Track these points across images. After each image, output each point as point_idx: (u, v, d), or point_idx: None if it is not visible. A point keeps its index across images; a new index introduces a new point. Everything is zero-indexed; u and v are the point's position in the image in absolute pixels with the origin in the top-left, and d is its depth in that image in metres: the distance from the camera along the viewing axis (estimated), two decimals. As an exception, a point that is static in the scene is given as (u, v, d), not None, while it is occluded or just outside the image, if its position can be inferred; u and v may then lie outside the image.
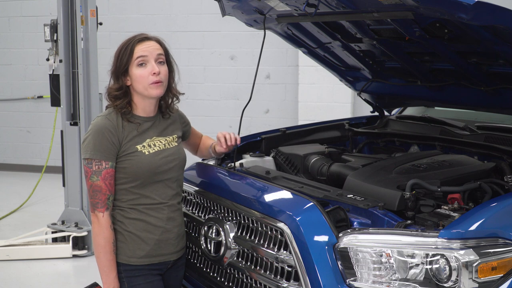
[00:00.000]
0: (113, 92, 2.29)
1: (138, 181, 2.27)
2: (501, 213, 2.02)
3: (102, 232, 2.23)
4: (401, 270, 1.93)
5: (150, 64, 2.26)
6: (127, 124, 2.28)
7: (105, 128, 2.22)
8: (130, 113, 2.31)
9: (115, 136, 2.23)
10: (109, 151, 2.21)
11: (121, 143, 2.24)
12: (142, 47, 2.27)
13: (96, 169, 2.20)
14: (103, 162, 2.20)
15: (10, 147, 8.18)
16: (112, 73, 2.32)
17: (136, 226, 2.29)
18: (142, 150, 2.27)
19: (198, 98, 7.40)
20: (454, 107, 3.47)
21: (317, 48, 3.37)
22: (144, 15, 7.42)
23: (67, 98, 4.88)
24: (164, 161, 2.31)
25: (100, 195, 2.22)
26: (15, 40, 7.95)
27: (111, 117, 2.27)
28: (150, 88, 2.26)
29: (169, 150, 2.36)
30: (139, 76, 2.25)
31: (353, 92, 4.02)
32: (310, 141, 3.44)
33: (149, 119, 2.35)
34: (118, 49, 2.31)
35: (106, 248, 2.24)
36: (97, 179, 2.20)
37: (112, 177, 2.23)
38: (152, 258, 2.32)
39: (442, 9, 2.11)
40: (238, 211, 2.37)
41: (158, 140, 2.35)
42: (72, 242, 4.77)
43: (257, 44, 3.30)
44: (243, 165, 2.91)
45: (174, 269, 2.46)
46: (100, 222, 2.23)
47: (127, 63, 2.26)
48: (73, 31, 4.78)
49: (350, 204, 2.24)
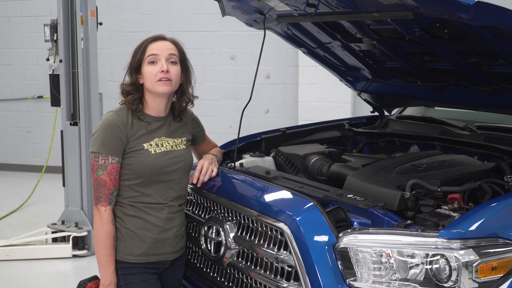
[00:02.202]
0: (125, 88, 2.35)
1: (141, 179, 2.29)
2: (501, 213, 2.02)
3: (103, 226, 2.26)
4: (401, 270, 1.93)
5: (160, 62, 2.30)
6: (137, 121, 2.31)
7: (114, 124, 2.26)
8: (141, 111, 2.35)
9: (124, 132, 2.26)
10: (117, 147, 2.24)
11: (129, 140, 2.27)
12: (155, 46, 2.32)
13: (102, 163, 2.23)
14: (110, 157, 2.24)
15: (10, 147, 8.19)
16: (127, 69, 2.37)
17: (135, 224, 2.31)
18: (149, 149, 2.30)
19: (198, 98, 7.39)
20: (454, 107, 3.47)
21: (317, 48, 3.37)
22: (144, 15, 7.42)
23: (67, 98, 4.89)
24: (169, 162, 2.33)
25: (104, 189, 2.24)
26: (15, 40, 7.95)
27: (122, 113, 2.31)
28: (157, 85, 2.29)
29: (176, 152, 2.38)
30: (148, 73, 2.30)
31: (353, 92, 4.02)
32: (310, 141, 3.44)
33: (160, 119, 2.38)
34: (135, 48, 2.36)
35: (106, 242, 2.26)
36: (102, 173, 2.24)
37: (118, 172, 2.26)
38: (148, 256, 2.33)
39: (442, 9, 2.11)
40: (238, 211, 2.37)
41: (166, 141, 2.37)
42: (72, 242, 4.77)
43: (257, 44, 3.30)
44: (243, 165, 2.91)
45: (172, 269, 2.46)
46: (102, 216, 2.25)
47: (139, 60, 2.31)
48: (73, 31, 4.78)
49: (350, 204, 2.24)
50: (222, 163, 2.99)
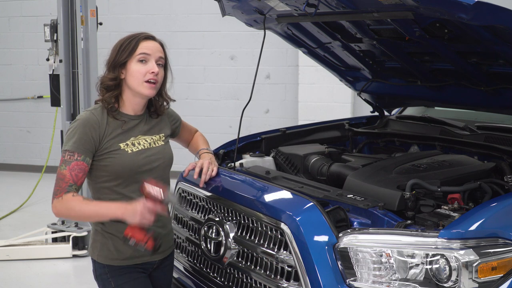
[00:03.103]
0: (106, 82, 2.27)
1: (119, 180, 2.25)
2: (501, 213, 2.02)
3: (71, 207, 2.15)
4: (401, 270, 1.93)
5: (150, 62, 2.27)
6: (113, 121, 2.27)
7: (88, 122, 2.21)
8: (117, 110, 2.30)
9: (97, 131, 2.21)
10: (86, 145, 2.19)
11: (103, 140, 2.23)
12: (147, 45, 2.28)
13: (67, 159, 2.18)
14: (76, 154, 2.18)
15: (10, 147, 8.18)
16: (108, 63, 2.29)
17: (117, 228, 2.25)
18: (125, 149, 2.26)
19: (198, 98, 7.40)
20: (454, 107, 3.47)
21: (317, 48, 3.37)
22: (144, 15, 7.42)
23: (67, 98, 4.89)
24: (146, 161, 2.29)
25: (62, 183, 2.17)
26: (15, 40, 7.94)
27: (97, 112, 2.26)
28: (143, 86, 2.25)
29: (154, 149, 2.34)
30: (136, 71, 2.25)
31: (353, 92, 4.02)
32: (310, 141, 3.44)
33: (136, 118, 2.34)
34: (121, 41, 2.29)
35: (83, 208, 2.16)
36: (64, 168, 2.17)
37: (81, 170, 2.19)
38: (135, 259, 2.30)
39: (442, 9, 2.11)
40: (238, 211, 2.37)
41: (143, 139, 2.33)
42: (72, 242, 4.77)
43: (257, 44, 3.30)
44: (243, 165, 2.91)
45: (161, 270, 2.43)
46: (61, 202, 2.15)
47: (128, 56, 2.26)
48: (73, 31, 4.78)
49: (350, 204, 2.24)
50: (222, 163, 2.99)
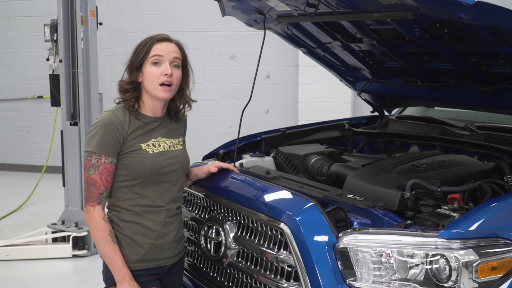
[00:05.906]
0: (124, 85, 2.30)
1: (139, 180, 2.26)
2: (501, 213, 2.02)
3: (97, 225, 2.21)
4: (401, 270, 1.93)
5: (164, 64, 2.26)
6: (134, 121, 2.28)
7: (111, 123, 2.22)
8: (137, 111, 2.31)
9: (120, 132, 2.22)
10: (111, 147, 2.21)
11: (126, 140, 2.24)
12: (160, 47, 2.27)
13: (95, 163, 2.19)
14: (103, 156, 2.20)
15: (10, 147, 8.18)
16: (127, 66, 2.33)
17: (132, 230, 2.27)
18: (146, 149, 2.27)
19: (198, 98, 7.24)
20: (454, 107, 3.47)
21: (317, 48, 3.37)
22: (144, 15, 7.42)
23: (67, 98, 4.88)
24: (167, 163, 2.30)
25: (94, 189, 2.20)
26: (15, 40, 7.95)
27: (119, 113, 2.27)
28: (158, 89, 2.25)
29: (174, 152, 2.35)
30: (150, 74, 2.25)
31: (353, 92, 4.02)
32: (310, 141, 3.44)
33: (157, 120, 2.35)
34: (138, 45, 2.32)
35: (104, 240, 2.21)
36: (93, 173, 2.19)
37: (110, 173, 2.22)
38: (147, 262, 2.30)
39: (442, 9, 2.11)
40: (238, 211, 2.37)
41: (163, 141, 2.34)
42: (72, 242, 4.76)
43: (257, 44, 3.30)
44: (243, 165, 2.91)
45: (172, 274, 2.43)
46: (93, 216, 2.20)
47: (142, 59, 2.27)
48: (73, 31, 4.78)
49: (350, 204, 2.24)
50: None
